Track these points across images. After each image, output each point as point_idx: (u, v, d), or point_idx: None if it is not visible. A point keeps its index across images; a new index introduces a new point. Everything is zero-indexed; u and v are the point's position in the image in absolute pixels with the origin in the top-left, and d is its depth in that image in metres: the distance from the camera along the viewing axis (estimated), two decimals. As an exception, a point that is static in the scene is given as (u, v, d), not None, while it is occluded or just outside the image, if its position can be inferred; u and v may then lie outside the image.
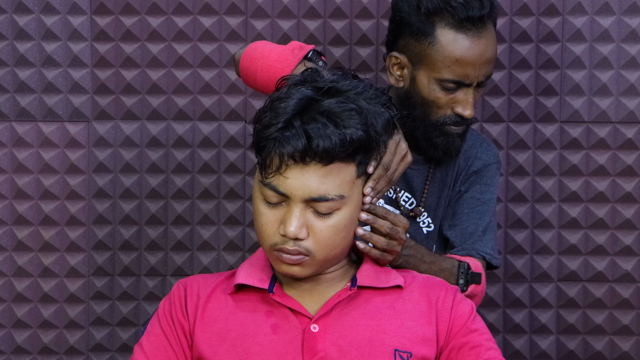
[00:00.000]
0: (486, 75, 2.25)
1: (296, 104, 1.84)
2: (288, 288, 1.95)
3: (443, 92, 2.24)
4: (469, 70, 2.21)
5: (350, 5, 2.78)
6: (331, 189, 1.84)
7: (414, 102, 2.26)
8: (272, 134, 1.83)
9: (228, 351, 1.89)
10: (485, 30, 2.22)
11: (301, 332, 1.88)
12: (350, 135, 1.82)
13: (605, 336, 2.83)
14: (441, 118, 2.26)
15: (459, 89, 2.23)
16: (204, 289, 1.98)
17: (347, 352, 1.86)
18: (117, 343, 2.84)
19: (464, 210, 2.34)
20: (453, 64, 2.21)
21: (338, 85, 1.87)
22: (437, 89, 2.24)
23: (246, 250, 2.82)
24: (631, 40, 2.77)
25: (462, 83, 2.22)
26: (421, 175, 2.36)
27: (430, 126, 2.27)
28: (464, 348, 1.92)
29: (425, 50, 2.22)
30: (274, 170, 1.83)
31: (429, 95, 2.24)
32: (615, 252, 2.81)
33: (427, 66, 2.23)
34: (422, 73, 2.24)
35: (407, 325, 1.91)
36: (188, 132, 2.81)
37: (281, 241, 1.86)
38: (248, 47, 2.22)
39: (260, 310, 1.92)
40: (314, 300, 1.93)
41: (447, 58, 2.21)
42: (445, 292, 1.98)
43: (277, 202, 1.86)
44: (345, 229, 1.88)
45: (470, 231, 2.32)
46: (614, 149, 2.79)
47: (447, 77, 2.22)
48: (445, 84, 2.22)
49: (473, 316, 1.96)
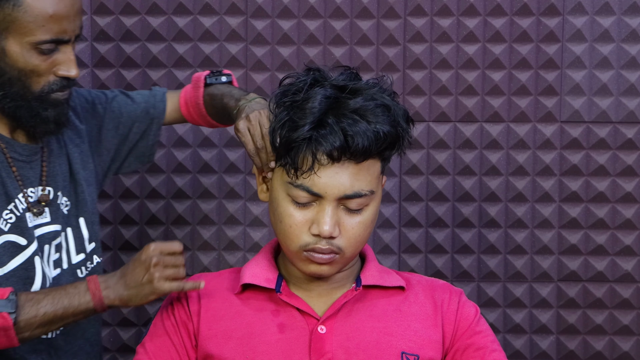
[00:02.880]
0: (80, 26, 2.02)
1: (323, 102, 1.83)
2: (295, 288, 1.95)
3: (41, 57, 1.97)
4: (65, 24, 1.97)
5: (350, 5, 2.78)
6: (364, 185, 1.85)
7: (9, 78, 1.98)
8: (304, 134, 1.82)
9: (235, 349, 1.89)
10: None
11: (308, 332, 1.88)
12: (382, 131, 1.83)
13: (605, 336, 2.83)
14: (45, 87, 2.01)
15: (58, 48, 1.99)
16: (205, 288, 1.98)
17: (354, 354, 1.86)
18: (117, 343, 2.84)
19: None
20: (48, 22, 1.95)
21: (356, 85, 1.88)
22: (34, 54, 1.97)
23: (246, 250, 2.82)
24: (631, 40, 2.77)
25: (62, 40, 1.98)
26: (35, 163, 2.11)
27: (35, 100, 2.01)
28: (468, 349, 1.92)
29: (11, 15, 1.95)
30: (307, 170, 1.83)
31: (26, 65, 1.97)
32: (615, 252, 2.81)
33: (16, 32, 1.95)
34: (12, 42, 1.96)
35: (414, 328, 1.92)
36: (188, 132, 2.80)
37: (313, 241, 1.85)
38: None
39: (267, 309, 1.92)
40: (322, 300, 1.93)
41: (39, 16, 1.94)
42: (450, 294, 1.98)
43: (306, 202, 1.86)
44: (371, 225, 1.89)
45: None
46: (614, 149, 2.79)
47: (44, 38, 1.96)
48: (42, 46, 1.96)
49: (478, 318, 1.97)
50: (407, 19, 2.78)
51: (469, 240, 2.82)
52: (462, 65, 2.78)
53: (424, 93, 2.79)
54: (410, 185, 2.81)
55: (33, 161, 2.08)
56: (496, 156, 2.80)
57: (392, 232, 2.82)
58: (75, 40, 2.02)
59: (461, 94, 2.79)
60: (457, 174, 2.81)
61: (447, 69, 2.78)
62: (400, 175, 2.80)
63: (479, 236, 2.82)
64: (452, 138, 2.80)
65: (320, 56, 2.77)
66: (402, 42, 2.78)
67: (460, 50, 2.78)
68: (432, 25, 2.78)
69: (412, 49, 2.78)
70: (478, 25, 2.77)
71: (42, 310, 1.94)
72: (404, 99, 2.78)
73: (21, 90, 1.99)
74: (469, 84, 2.79)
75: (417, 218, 2.81)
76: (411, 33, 2.78)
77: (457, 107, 2.80)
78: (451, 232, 2.82)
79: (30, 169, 2.07)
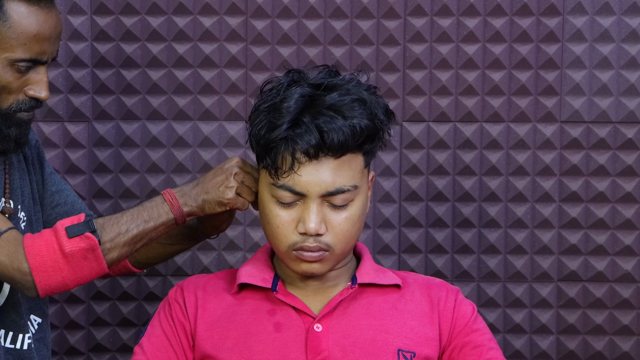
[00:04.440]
0: (57, 49, 2.01)
1: (299, 101, 1.85)
2: (291, 287, 1.96)
3: (16, 75, 1.95)
4: (45, 46, 1.95)
5: (350, 5, 2.78)
6: (346, 181, 1.86)
7: None
8: (281, 134, 1.83)
9: (231, 349, 1.90)
10: (52, 2, 1.98)
11: (304, 331, 1.89)
12: (359, 125, 1.83)
13: (605, 336, 2.83)
14: (13, 105, 1.97)
15: (33, 68, 1.96)
16: (201, 289, 1.99)
17: (350, 351, 1.87)
18: (117, 343, 2.84)
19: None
20: (30, 41, 1.93)
21: (332, 81, 1.89)
22: (10, 71, 1.94)
23: (246, 250, 2.82)
24: (631, 40, 2.77)
25: (39, 61, 1.96)
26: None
27: (0, 116, 1.97)
28: (465, 348, 1.93)
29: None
30: (287, 170, 1.84)
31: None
32: (615, 252, 2.81)
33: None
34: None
35: (410, 325, 1.92)
36: (188, 132, 2.80)
37: (300, 239, 1.87)
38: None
39: (263, 308, 1.93)
40: (317, 299, 1.94)
41: (22, 34, 1.92)
42: (446, 292, 1.99)
43: (291, 202, 1.87)
44: (359, 220, 1.90)
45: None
46: (614, 149, 2.79)
47: (23, 57, 1.93)
48: (20, 64, 1.94)
49: (475, 316, 1.97)
50: (407, 19, 2.78)
51: (469, 240, 2.82)
52: (462, 65, 2.78)
53: (424, 93, 2.79)
54: (410, 185, 2.81)
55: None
56: (496, 156, 2.80)
57: (392, 232, 2.82)
58: (51, 62, 2.01)
59: (461, 94, 2.79)
60: (457, 174, 2.81)
61: (447, 69, 2.78)
62: (400, 175, 2.80)
63: (479, 236, 2.82)
64: (452, 138, 2.80)
65: (320, 56, 2.77)
66: (402, 42, 2.78)
67: (460, 50, 2.78)
68: (432, 25, 2.78)
69: (412, 49, 2.78)
70: (478, 25, 2.77)
71: (123, 227, 1.92)
72: (404, 99, 2.78)
73: None
74: (469, 84, 2.79)
75: (417, 218, 2.81)
76: (411, 33, 2.78)
77: (457, 107, 2.80)
78: (451, 232, 2.82)
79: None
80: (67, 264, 1.86)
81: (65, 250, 1.86)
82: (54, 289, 1.89)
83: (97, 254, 1.88)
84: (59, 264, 1.86)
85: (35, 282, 1.87)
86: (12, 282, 1.90)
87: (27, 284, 1.88)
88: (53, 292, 1.90)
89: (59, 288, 1.89)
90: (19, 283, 1.89)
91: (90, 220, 1.89)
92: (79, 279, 1.89)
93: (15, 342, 2.07)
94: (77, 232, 1.87)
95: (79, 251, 1.86)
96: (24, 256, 1.87)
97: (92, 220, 1.90)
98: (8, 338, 2.06)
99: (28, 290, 1.89)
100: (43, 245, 1.87)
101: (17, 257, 1.87)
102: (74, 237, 1.86)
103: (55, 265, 1.86)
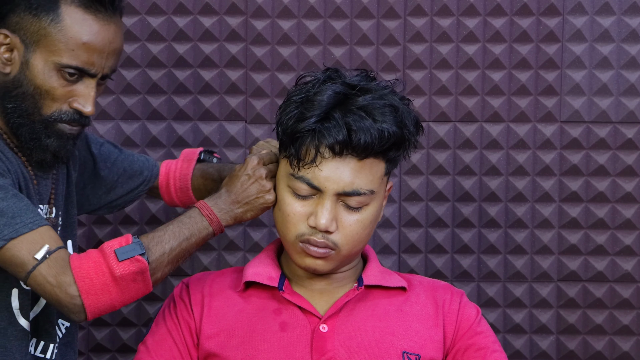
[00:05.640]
0: (112, 68, 1.96)
1: (332, 97, 1.86)
2: (298, 287, 1.96)
3: (61, 82, 1.91)
4: (95, 57, 1.91)
5: (350, 5, 2.78)
6: (364, 184, 1.86)
7: (24, 93, 1.92)
8: (309, 126, 1.84)
9: (237, 347, 1.90)
10: (115, 17, 1.94)
11: (310, 331, 1.89)
12: (387, 130, 1.84)
13: (605, 336, 2.83)
14: (55, 113, 1.93)
15: (81, 79, 1.93)
16: (207, 287, 1.99)
17: (355, 353, 1.87)
18: (117, 343, 2.84)
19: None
20: (78, 48, 1.90)
21: (368, 85, 1.90)
22: (55, 76, 1.91)
23: (246, 250, 2.82)
24: (631, 40, 2.77)
25: (86, 72, 1.92)
26: (49, 180, 2.06)
27: (40, 123, 1.94)
28: (469, 350, 1.93)
29: (46, 29, 1.89)
30: (309, 162, 1.84)
31: (43, 84, 1.91)
32: (615, 252, 2.81)
33: (45, 48, 1.90)
34: (39, 56, 1.91)
35: (415, 328, 1.93)
36: (188, 132, 2.80)
37: (309, 232, 1.87)
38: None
39: (269, 307, 1.93)
40: (324, 299, 1.94)
41: (71, 40, 1.89)
42: (451, 295, 1.99)
43: (306, 195, 1.87)
44: (370, 225, 1.90)
45: None
46: (614, 149, 2.79)
47: (69, 63, 1.90)
48: (65, 71, 1.91)
49: (479, 319, 1.98)
50: (407, 19, 2.78)
51: (469, 240, 2.82)
52: (462, 65, 2.78)
53: (424, 93, 2.79)
54: (410, 185, 2.81)
55: (48, 178, 2.05)
56: (496, 156, 2.80)
57: (392, 232, 2.82)
58: (103, 79, 1.97)
59: (461, 94, 2.79)
60: (457, 174, 2.81)
61: (447, 69, 2.78)
62: (400, 175, 2.80)
63: (479, 236, 2.82)
64: (452, 138, 2.80)
65: (320, 56, 2.77)
66: (402, 42, 2.78)
67: (460, 50, 2.78)
68: (432, 25, 2.78)
69: (412, 49, 2.78)
70: (478, 25, 2.77)
71: (167, 246, 1.90)
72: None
73: (31, 108, 1.93)
74: (469, 84, 2.79)
75: (417, 218, 2.81)
76: (411, 33, 2.78)
77: (457, 107, 2.80)
78: (451, 232, 2.82)
79: (45, 186, 2.04)
80: (116, 286, 1.83)
81: (116, 273, 1.82)
82: (102, 311, 1.86)
83: (146, 275, 1.86)
84: (108, 286, 1.83)
85: (85, 305, 1.83)
86: (59, 304, 1.86)
87: (75, 308, 1.84)
88: (101, 314, 1.87)
89: (106, 310, 1.86)
90: (65, 306, 1.85)
91: (139, 242, 1.86)
92: (126, 300, 1.87)
93: (45, 352, 2.05)
94: (127, 255, 1.84)
95: (130, 274, 1.83)
96: (72, 278, 1.82)
97: (141, 242, 1.87)
98: (39, 347, 2.05)
99: (76, 314, 1.85)
100: (92, 267, 1.83)
101: (64, 279, 1.83)
102: (124, 260, 1.83)
103: (104, 287, 1.83)
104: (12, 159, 1.95)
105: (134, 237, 1.87)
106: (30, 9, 1.90)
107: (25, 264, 1.82)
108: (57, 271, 1.83)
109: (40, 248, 1.82)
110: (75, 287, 1.82)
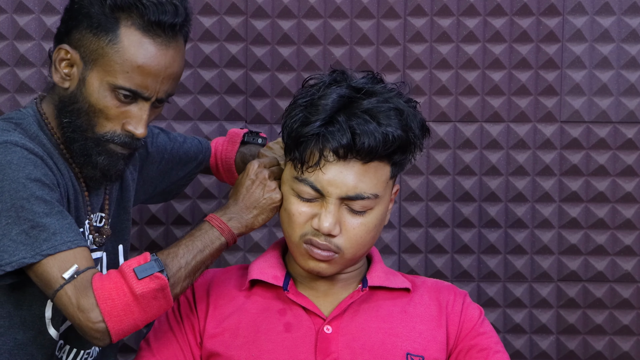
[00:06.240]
0: (167, 92, 1.96)
1: (336, 101, 1.85)
2: (302, 287, 1.96)
3: (115, 102, 1.93)
4: (149, 81, 1.92)
5: (350, 5, 2.78)
6: (367, 188, 1.86)
7: (79, 109, 1.94)
8: (313, 130, 1.84)
9: (241, 347, 1.90)
10: (175, 41, 1.94)
11: (314, 332, 1.89)
12: (392, 133, 1.84)
13: (605, 336, 2.83)
14: (108, 134, 1.95)
15: (135, 102, 1.94)
16: (212, 286, 1.99)
17: (359, 354, 1.87)
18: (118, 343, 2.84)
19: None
20: (133, 71, 1.91)
21: (373, 87, 1.89)
22: (109, 96, 1.92)
23: (246, 250, 2.82)
24: (631, 40, 2.77)
25: (140, 95, 1.93)
26: (102, 190, 2.08)
27: (93, 140, 1.95)
28: (472, 350, 1.93)
29: (104, 49, 1.91)
30: (313, 165, 1.84)
31: (97, 103, 1.92)
32: (615, 252, 2.81)
33: (101, 67, 1.92)
34: (95, 75, 1.92)
35: (419, 329, 1.93)
36: (188, 132, 2.80)
37: (312, 232, 1.87)
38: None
39: (274, 308, 1.93)
40: (328, 300, 1.94)
41: (127, 62, 1.90)
42: (454, 295, 1.99)
43: (310, 199, 1.87)
44: (375, 228, 1.90)
45: None
46: (614, 149, 2.79)
47: (123, 85, 1.91)
48: (119, 92, 1.92)
49: (482, 320, 1.98)
50: (407, 19, 2.78)
51: (469, 240, 2.82)
52: (462, 65, 2.78)
53: (424, 93, 2.79)
54: (410, 186, 2.81)
55: (100, 188, 2.06)
56: (496, 156, 2.80)
57: (392, 232, 2.82)
58: (159, 103, 1.97)
59: (461, 94, 2.79)
60: (457, 174, 2.81)
61: (447, 69, 2.78)
62: (401, 175, 2.80)
63: (479, 236, 2.82)
64: (452, 138, 2.80)
65: (320, 56, 2.77)
66: (402, 42, 2.78)
67: (460, 50, 2.78)
68: (432, 25, 2.78)
69: (412, 49, 2.78)
70: (478, 25, 2.77)
71: (182, 260, 1.90)
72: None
73: (85, 124, 1.94)
74: (469, 84, 2.79)
75: (417, 218, 2.81)
76: (411, 33, 2.78)
77: (457, 107, 2.80)
78: (451, 232, 2.82)
79: (96, 196, 2.05)
80: (137, 305, 1.82)
81: (137, 292, 1.81)
82: (126, 332, 1.84)
83: (167, 292, 1.85)
84: (130, 306, 1.82)
85: (109, 327, 1.82)
86: (80, 329, 1.84)
87: (97, 334, 1.83)
88: (125, 335, 1.86)
89: (130, 330, 1.85)
90: (87, 333, 1.84)
91: (157, 259, 1.86)
92: (149, 318, 1.86)
93: (76, 358, 2.06)
94: (146, 272, 1.83)
95: (150, 292, 1.82)
96: (94, 301, 1.81)
97: (159, 259, 1.86)
98: (71, 354, 2.04)
99: (99, 339, 1.84)
100: (113, 288, 1.81)
101: (86, 302, 1.81)
102: (143, 279, 1.82)
103: (126, 308, 1.81)
104: (65, 171, 1.97)
105: (152, 255, 1.86)
106: (91, 27, 1.91)
107: (53, 282, 1.82)
108: (79, 293, 1.82)
109: (70, 267, 1.82)
110: (98, 311, 1.81)
